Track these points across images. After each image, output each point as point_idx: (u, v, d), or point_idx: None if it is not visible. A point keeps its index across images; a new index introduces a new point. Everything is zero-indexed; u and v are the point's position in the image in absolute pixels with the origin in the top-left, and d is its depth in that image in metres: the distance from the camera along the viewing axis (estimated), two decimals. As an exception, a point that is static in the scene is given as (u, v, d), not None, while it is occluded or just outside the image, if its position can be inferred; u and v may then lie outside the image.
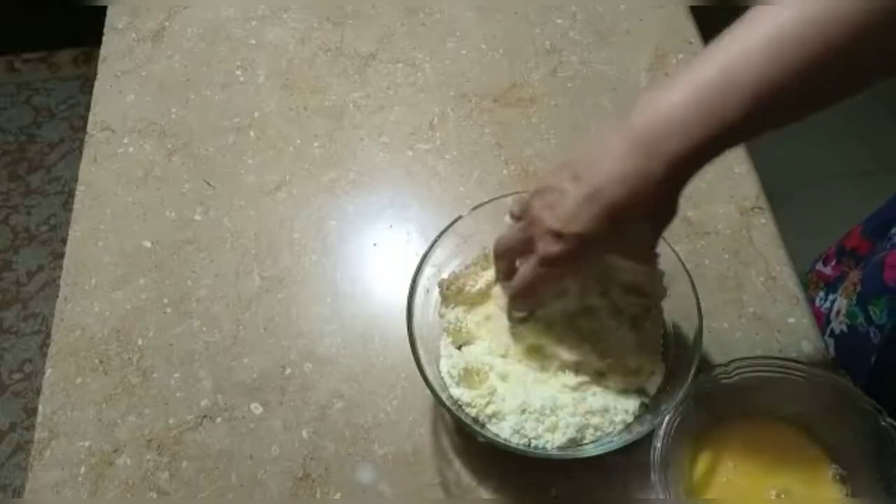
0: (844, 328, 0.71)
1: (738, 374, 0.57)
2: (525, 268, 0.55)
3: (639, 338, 0.60)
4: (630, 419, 0.57)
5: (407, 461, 0.61)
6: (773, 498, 0.55)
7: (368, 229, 0.73)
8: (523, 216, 0.55)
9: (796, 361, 0.57)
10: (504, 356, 0.60)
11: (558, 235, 0.50)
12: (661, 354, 0.60)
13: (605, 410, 0.57)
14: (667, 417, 0.54)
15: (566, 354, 0.59)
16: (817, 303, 0.79)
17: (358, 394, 0.64)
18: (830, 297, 0.78)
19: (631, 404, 0.58)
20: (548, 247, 0.51)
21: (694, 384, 0.55)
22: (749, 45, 0.45)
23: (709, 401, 0.56)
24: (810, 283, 0.82)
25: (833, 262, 0.80)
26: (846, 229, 0.81)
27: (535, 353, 0.60)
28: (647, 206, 0.48)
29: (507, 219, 0.58)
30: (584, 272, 0.61)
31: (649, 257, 0.56)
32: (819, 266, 0.82)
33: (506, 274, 0.58)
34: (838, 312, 0.73)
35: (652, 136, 0.46)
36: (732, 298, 0.68)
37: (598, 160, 0.49)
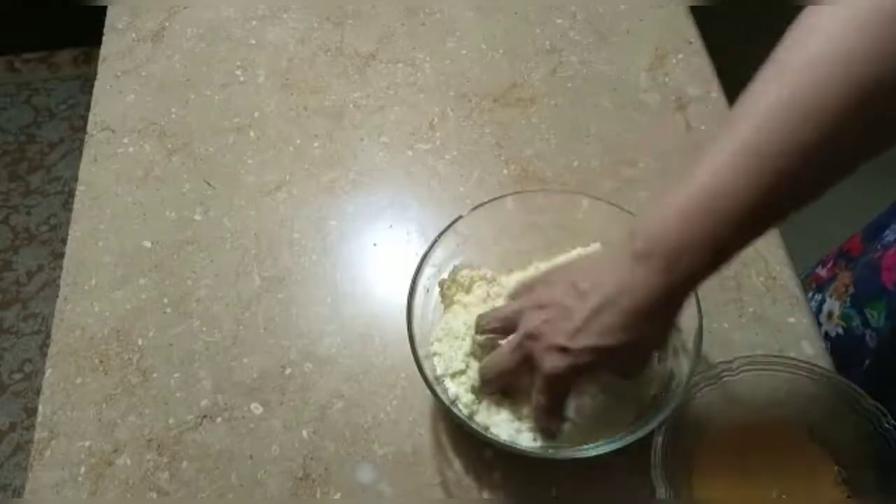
0: (840, 331, 0.71)
1: (741, 371, 0.57)
2: (536, 395, 0.54)
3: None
4: (631, 419, 0.57)
5: (407, 461, 0.61)
6: (773, 498, 0.54)
7: (368, 229, 0.73)
8: (510, 330, 0.55)
9: (800, 361, 0.57)
10: None
11: (565, 350, 0.50)
12: (660, 358, 0.60)
13: (606, 411, 0.57)
14: (668, 416, 0.54)
15: None
16: None
17: (358, 394, 0.64)
18: (817, 297, 0.78)
19: (631, 405, 0.58)
20: (555, 363, 0.51)
21: (697, 381, 0.55)
22: (727, 156, 0.45)
23: (711, 398, 0.56)
24: (806, 285, 0.82)
25: (829, 265, 0.80)
26: (846, 230, 0.81)
27: None
28: (656, 319, 0.49)
29: (479, 337, 0.58)
30: None
31: (638, 373, 0.56)
32: (818, 269, 0.82)
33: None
34: (831, 314, 0.73)
35: (660, 258, 0.47)
36: (732, 298, 0.68)
37: (600, 275, 0.50)
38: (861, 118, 0.42)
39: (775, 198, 0.45)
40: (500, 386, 0.57)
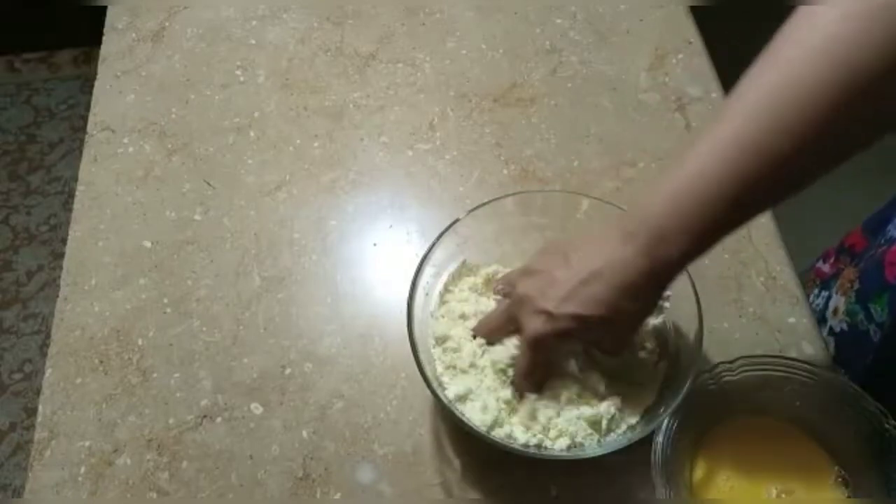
0: (845, 326, 0.71)
1: (742, 371, 0.57)
2: (519, 357, 0.57)
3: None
4: (633, 421, 0.57)
5: (407, 461, 0.61)
6: (773, 498, 0.54)
7: (368, 229, 0.73)
8: (508, 295, 0.58)
9: (801, 361, 0.57)
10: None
11: (549, 315, 0.52)
12: (660, 355, 0.60)
13: (610, 418, 0.57)
14: (668, 416, 0.54)
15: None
16: (810, 299, 0.79)
17: (358, 394, 0.64)
18: (823, 293, 0.78)
19: (634, 408, 0.58)
20: (537, 326, 0.53)
21: (697, 381, 0.55)
22: (716, 143, 0.46)
23: (711, 398, 0.56)
24: (808, 280, 0.82)
25: (832, 260, 0.80)
26: (846, 229, 0.81)
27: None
28: (638, 297, 0.51)
29: (495, 296, 0.62)
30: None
31: (621, 349, 0.58)
32: (819, 264, 0.82)
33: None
34: (836, 310, 0.73)
35: (647, 238, 0.49)
36: (732, 298, 0.68)
37: (591, 249, 0.52)
38: (849, 107, 0.43)
39: (761, 184, 0.46)
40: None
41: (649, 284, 0.51)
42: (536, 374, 0.57)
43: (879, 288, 0.68)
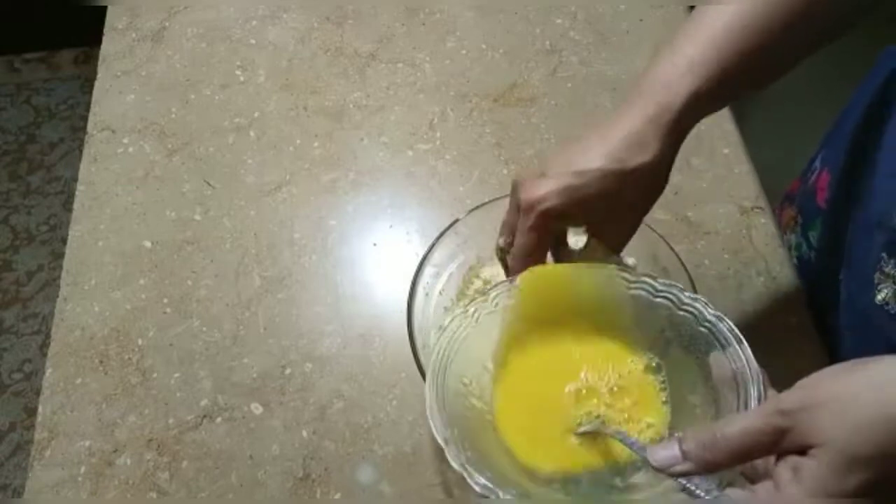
0: (795, 261, 0.71)
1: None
2: (517, 235, 0.51)
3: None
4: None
5: (407, 461, 0.61)
6: (573, 401, 0.51)
7: (368, 229, 0.73)
8: None
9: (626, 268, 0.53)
10: None
11: (546, 175, 0.49)
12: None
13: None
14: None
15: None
16: None
17: (358, 394, 0.64)
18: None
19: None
20: (533, 189, 0.49)
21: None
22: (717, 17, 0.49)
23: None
24: None
25: (778, 210, 0.80)
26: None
27: None
28: (641, 149, 0.48)
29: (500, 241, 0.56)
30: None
31: (626, 238, 0.54)
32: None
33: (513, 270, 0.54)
34: (790, 247, 0.73)
35: (649, 89, 0.49)
36: (732, 298, 0.68)
37: (596, 124, 0.51)
38: None
39: (765, 38, 0.49)
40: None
41: (656, 132, 0.48)
42: (533, 253, 0.51)
43: (813, 215, 0.68)
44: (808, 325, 0.66)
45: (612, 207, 0.50)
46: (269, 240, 0.73)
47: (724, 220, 0.72)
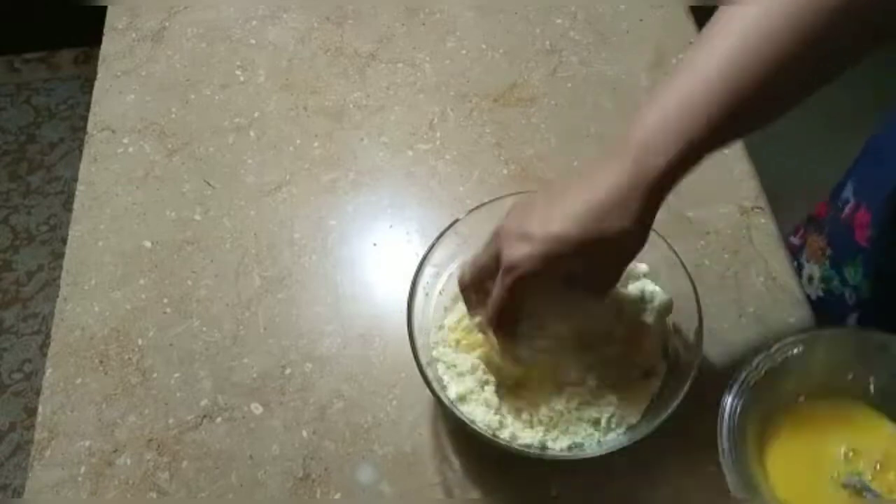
0: (821, 293, 0.72)
1: (780, 354, 0.56)
2: (494, 288, 0.52)
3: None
4: (633, 421, 0.57)
5: (407, 461, 0.61)
6: (842, 459, 0.54)
7: (368, 229, 0.73)
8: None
9: (837, 327, 0.57)
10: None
11: (527, 236, 0.49)
12: (663, 353, 0.60)
13: (609, 416, 0.57)
14: (668, 417, 0.54)
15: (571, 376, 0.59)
16: None
17: (358, 394, 0.64)
18: (793, 264, 0.78)
19: (634, 408, 0.58)
20: (514, 250, 0.49)
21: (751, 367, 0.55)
22: (711, 62, 0.47)
23: (761, 388, 0.55)
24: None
25: (801, 232, 0.80)
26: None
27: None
28: (622, 214, 0.48)
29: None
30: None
31: (608, 288, 0.54)
32: (791, 238, 0.83)
33: (477, 304, 0.56)
34: (811, 278, 0.74)
35: (633, 150, 0.48)
36: (732, 298, 0.68)
37: (575, 177, 0.51)
38: (844, 14, 0.44)
39: (745, 102, 0.46)
40: (474, 291, 0.55)
41: (636, 197, 0.47)
42: (509, 312, 0.52)
43: (852, 252, 0.68)
44: (809, 325, 0.66)
45: (593, 265, 0.51)
46: (269, 240, 0.73)
47: (724, 220, 0.72)
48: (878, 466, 0.54)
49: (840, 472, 0.54)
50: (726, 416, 0.52)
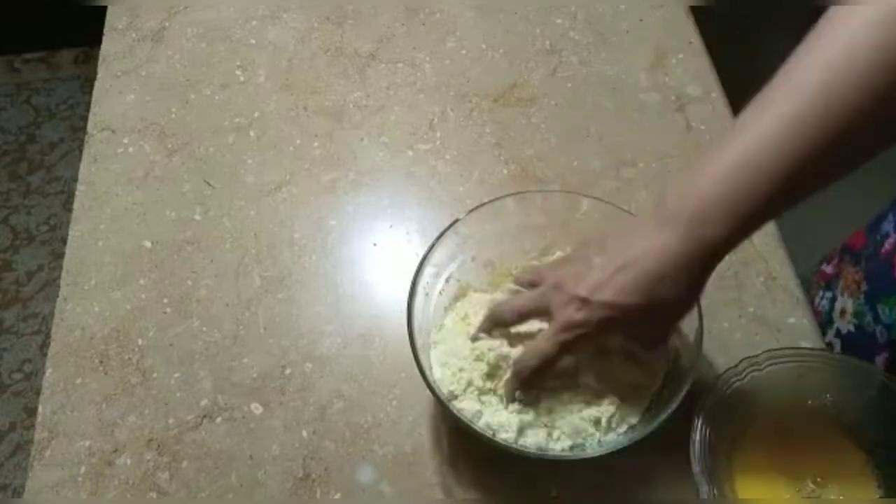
0: (852, 328, 0.71)
1: (769, 365, 0.57)
2: (541, 339, 0.53)
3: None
4: (633, 421, 0.57)
5: (407, 461, 0.61)
6: (809, 489, 0.55)
7: (368, 229, 0.73)
8: (539, 283, 0.55)
9: (827, 351, 0.57)
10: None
11: (584, 301, 0.50)
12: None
13: (610, 416, 0.57)
14: (667, 417, 0.54)
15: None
16: (816, 301, 0.79)
17: (358, 394, 0.64)
18: (827, 295, 0.78)
19: (634, 408, 0.58)
20: (570, 313, 0.51)
21: (725, 378, 0.55)
22: (771, 122, 0.45)
23: (737, 396, 0.56)
24: (813, 283, 0.82)
25: (835, 261, 0.80)
26: (847, 229, 0.81)
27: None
28: (677, 285, 0.49)
29: (511, 286, 0.59)
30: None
31: (659, 345, 0.56)
32: (823, 266, 0.82)
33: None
34: (843, 312, 0.73)
35: (687, 221, 0.47)
36: (732, 298, 0.68)
37: (629, 237, 0.51)
38: None
39: (813, 163, 0.45)
40: (539, 376, 0.55)
41: (690, 271, 0.48)
42: (547, 371, 0.54)
43: (889, 289, 0.67)
44: (808, 325, 0.66)
45: (645, 327, 0.53)
46: (269, 240, 0.73)
47: (724, 220, 0.72)
48: (841, 497, 0.55)
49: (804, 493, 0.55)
50: (697, 438, 0.53)
